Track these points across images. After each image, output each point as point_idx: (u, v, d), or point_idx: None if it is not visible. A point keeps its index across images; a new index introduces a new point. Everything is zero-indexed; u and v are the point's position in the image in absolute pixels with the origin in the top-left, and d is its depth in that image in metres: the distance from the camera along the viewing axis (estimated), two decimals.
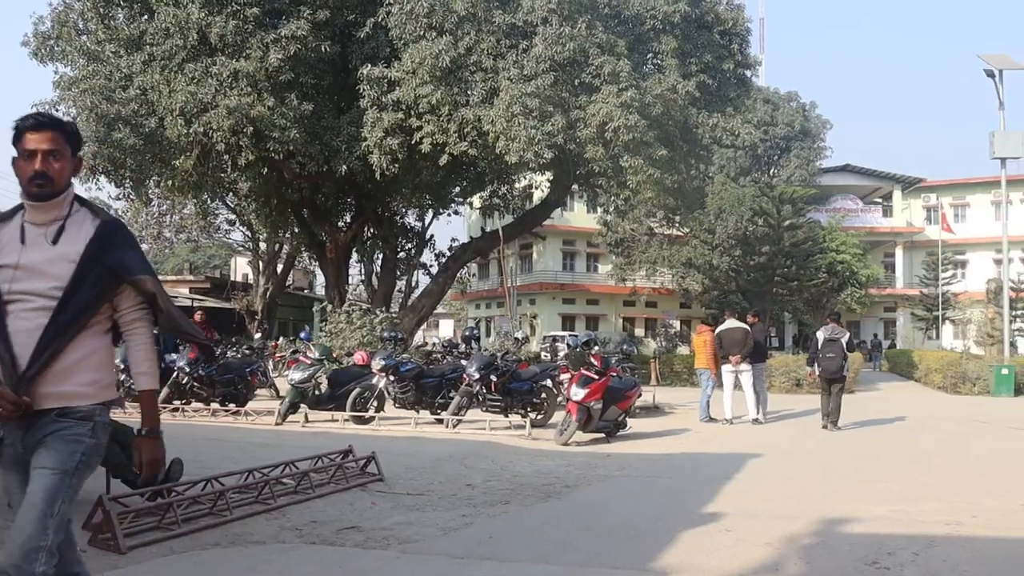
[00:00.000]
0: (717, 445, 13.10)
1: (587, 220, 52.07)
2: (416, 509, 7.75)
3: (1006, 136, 26.17)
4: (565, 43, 19.46)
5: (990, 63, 26.55)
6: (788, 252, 40.74)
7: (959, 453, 12.25)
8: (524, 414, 14.58)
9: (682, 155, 23.85)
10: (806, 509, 7.80)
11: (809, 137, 56.49)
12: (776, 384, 24.67)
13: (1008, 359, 26.28)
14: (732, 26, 23.77)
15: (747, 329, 16.67)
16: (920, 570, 5.82)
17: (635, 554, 6.25)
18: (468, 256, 32.01)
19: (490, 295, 59.61)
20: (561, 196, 29.68)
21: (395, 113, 20.41)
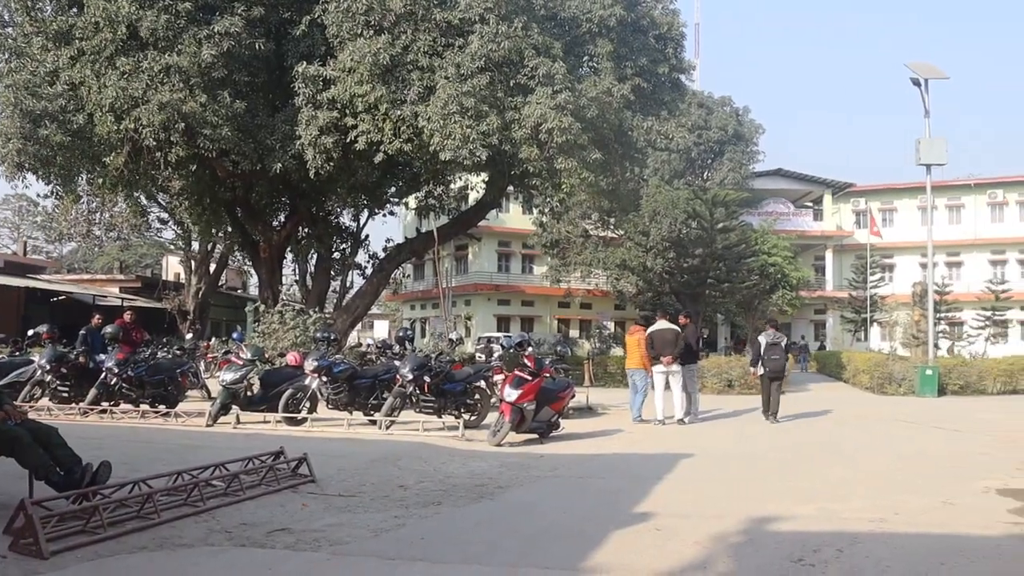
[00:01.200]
0: (649, 445, 13.20)
1: (522, 221, 52.21)
2: (348, 511, 7.72)
3: (931, 143, 26.70)
4: (501, 42, 19.47)
5: (916, 72, 27.08)
6: (721, 254, 41.14)
7: (883, 452, 12.49)
8: (457, 415, 14.58)
9: (617, 157, 24.00)
10: (735, 508, 7.92)
11: (742, 141, 57.13)
12: (708, 385, 24.94)
13: (932, 360, 26.84)
14: (667, 30, 23.93)
15: (678, 330, 16.85)
16: (843, 567, 5.95)
17: (566, 554, 6.29)
18: (403, 257, 31.90)
19: (425, 296, 59.47)
20: (496, 197, 29.69)
21: (330, 111, 20.24)
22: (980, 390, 25.70)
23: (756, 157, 59.35)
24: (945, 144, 26.83)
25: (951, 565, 6.01)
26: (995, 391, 25.94)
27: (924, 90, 27.14)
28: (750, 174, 57.84)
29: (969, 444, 13.34)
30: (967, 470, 10.49)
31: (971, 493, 8.83)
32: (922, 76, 27.10)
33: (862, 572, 5.83)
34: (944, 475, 10.12)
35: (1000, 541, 6.73)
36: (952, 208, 66.68)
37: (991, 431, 15.17)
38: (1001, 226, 65.75)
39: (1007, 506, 8.12)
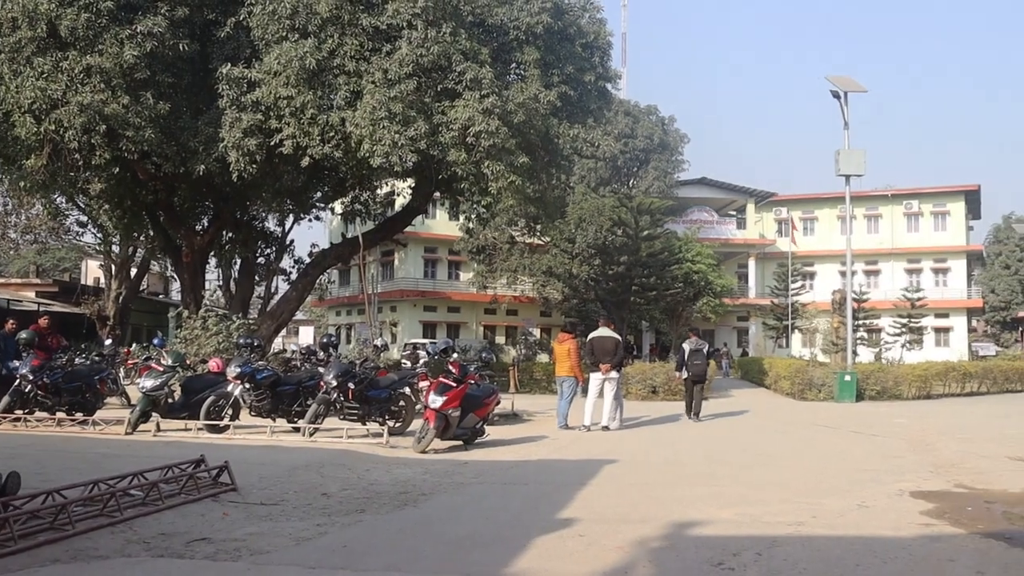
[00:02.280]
0: (574, 451, 13.27)
1: (449, 228, 52.20)
2: (269, 519, 7.64)
3: (850, 154, 27.25)
4: (430, 47, 19.43)
5: (836, 85, 27.63)
6: (646, 262, 41.56)
7: (803, 457, 12.72)
8: (382, 422, 14.51)
9: (543, 164, 24.08)
10: (657, 513, 7.99)
11: (667, 150, 57.82)
12: (633, 391, 25.15)
13: (851, 366, 27.37)
14: (594, 39, 24.09)
15: (619, 339, 17.06)
16: (762, 569, 6.04)
17: (489, 561, 6.30)
18: (328, 262, 31.67)
19: (351, 302, 59.13)
20: (423, 203, 29.62)
21: (255, 114, 20.00)
22: (896, 395, 26.27)
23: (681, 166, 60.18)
24: (863, 155, 27.40)
25: (865, 566, 6.13)
26: (910, 396, 26.53)
27: (844, 103, 27.70)
28: (675, 183, 58.59)
29: (885, 448, 13.64)
30: (882, 473, 10.72)
31: (885, 496, 9.02)
32: (842, 89, 27.66)
33: (780, 574, 5.93)
34: (860, 478, 10.31)
35: (911, 542, 6.90)
36: (870, 218, 68.26)
37: (906, 435, 15.52)
38: (916, 236, 67.52)
39: (919, 508, 8.32)
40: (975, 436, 15.42)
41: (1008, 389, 31.12)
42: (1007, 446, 13.61)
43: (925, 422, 18.23)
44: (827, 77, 27.86)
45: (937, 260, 67.19)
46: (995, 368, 32.41)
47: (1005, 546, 6.74)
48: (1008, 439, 14.75)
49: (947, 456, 12.53)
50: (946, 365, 30.71)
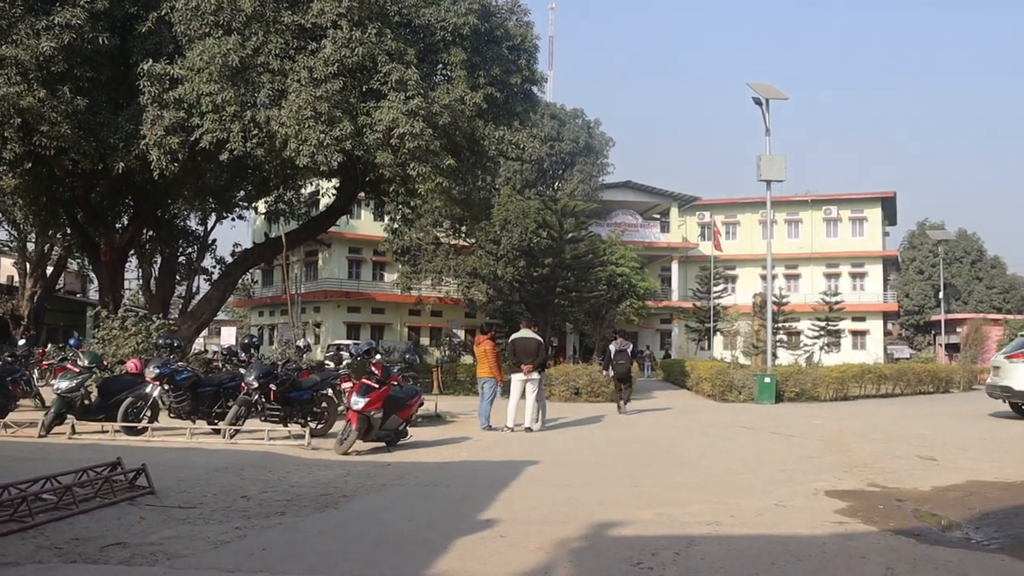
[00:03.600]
0: (497, 453, 13.29)
1: (374, 228, 52.01)
2: (187, 522, 7.53)
3: (771, 160, 27.69)
4: (355, 48, 19.31)
5: (757, 92, 28.09)
6: (570, 264, 41.75)
7: (722, 457, 12.87)
8: (304, 423, 14.41)
9: (469, 166, 24.09)
10: (578, 514, 8.05)
11: (593, 153, 58.16)
12: (556, 393, 25.28)
13: (771, 368, 27.83)
14: (521, 42, 24.15)
15: (540, 340, 17.12)
16: (680, 568, 6.12)
17: (409, 562, 6.29)
18: (251, 262, 31.33)
19: (274, 302, 58.56)
20: (348, 203, 29.43)
21: (177, 111, 19.68)
22: (814, 397, 26.76)
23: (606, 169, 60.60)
24: (784, 161, 27.86)
25: (781, 564, 6.24)
26: (828, 398, 27.06)
27: (765, 109, 28.16)
28: (600, 186, 59.00)
29: (802, 448, 13.87)
30: (799, 473, 10.92)
31: (802, 495, 9.20)
32: (763, 96, 28.12)
33: (697, 573, 6.01)
34: (778, 478, 10.50)
35: (825, 540, 7.04)
36: (791, 223, 69.55)
37: (823, 436, 15.81)
38: (835, 241, 68.99)
39: (833, 507, 8.50)
40: (888, 436, 15.76)
41: (921, 391, 31.95)
42: (918, 446, 13.95)
43: (841, 423, 18.59)
44: (749, 84, 28.32)
45: (855, 265, 68.77)
46: (909, 370, 33.26)
47: (914, 542, 6.92)
48: (919, 439, 15.12)
49: (861, 456, 12.81)
50: (862, 367, 31.43)
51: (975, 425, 18.41)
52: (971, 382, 36.04)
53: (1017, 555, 6.52)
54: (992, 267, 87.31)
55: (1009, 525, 7.62)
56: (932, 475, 10.72)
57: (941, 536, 7.29)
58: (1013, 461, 12.13)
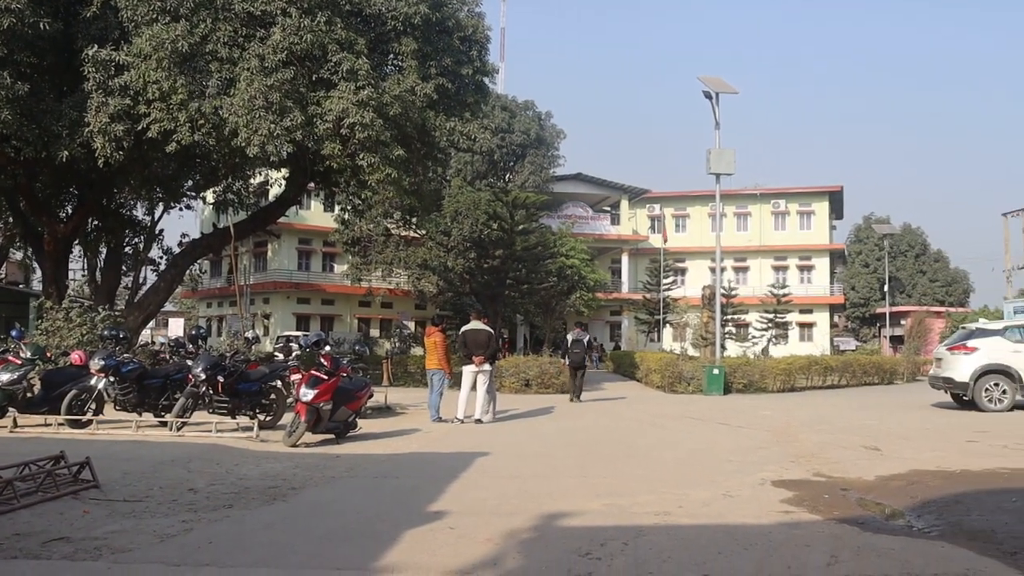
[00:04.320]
0: (447, 444, 13.28)
1: (324, 219, 51.74)
2: (133, 516, 7.44)
3: (720, 154, 27.87)
4: (304, 36, 19.13)
5: (707, 85, 28.26)
6: (520, 256, 41.80)
7: (671, 448, 12.97)
8: (252, 415, 14.30)
9: (419, 157, 24.02)
10: (527, 506, 8.06)
11: (544, 145, 58.26)
12: (506, 384, 25.30)
13: (719, 360, 28.06)
14: (472, 33, 24.10)
15: (490, 331, 17.15)
16: (629, 559, 6.16)
17: (357, 555, 6.26)
18: (199, 252, 30.99)
19: (223, 293, 58.06)
20: (297, 194, 29.21)
21: (122, 99, 19.39)
22: (762, 388, 27.06)
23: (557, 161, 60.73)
24: (733, 155, 28.05)
25: (728, 553, 6.30)
26: (775, 389, 27.37)
27: (715, 103, 28.33)
28: (551, 178, 59.09)
29: (750, 439, 14.02)
30: (747, 464, 11.03)
31: (749, 485, 9.29)
32: (713, 90, 28.29)
33: (646, 563, 6.04)
34: (726, 469, 10.59)
35: (772, 529, 7.13)
36: (740, 216, 70.21)
37: (770, 427, 16.00)
38: (783, 234, 69.74)
39: (780, 496, 8.60)
40: (834, 427, 15.98)
41: (866, 382, 32.41)
42: (863, 436, 14.16)
43: (788, 414, 18.82)
44: (699, 78, 28.46)
45: (802, 258, 69.61)
46: (854, 362, 33.75)
47: (858, 531, 7.03)
48: (864, 430, 15.34)
49: (808, 446, 12.97)
50: (809, 359, 31.83)
51: (918, 415, 18.73)
52: (915, 373, 36.67)
53: (956, 542, 6.65)
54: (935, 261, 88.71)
55: (949, 513, 7.77)
56: (876, 465, 10.89)
57: (884, 524, 7.41)
58: (954, 450, 12.35)
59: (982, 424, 16.25)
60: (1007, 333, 20.03)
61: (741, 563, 6.06)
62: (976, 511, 7.81)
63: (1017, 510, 7.84)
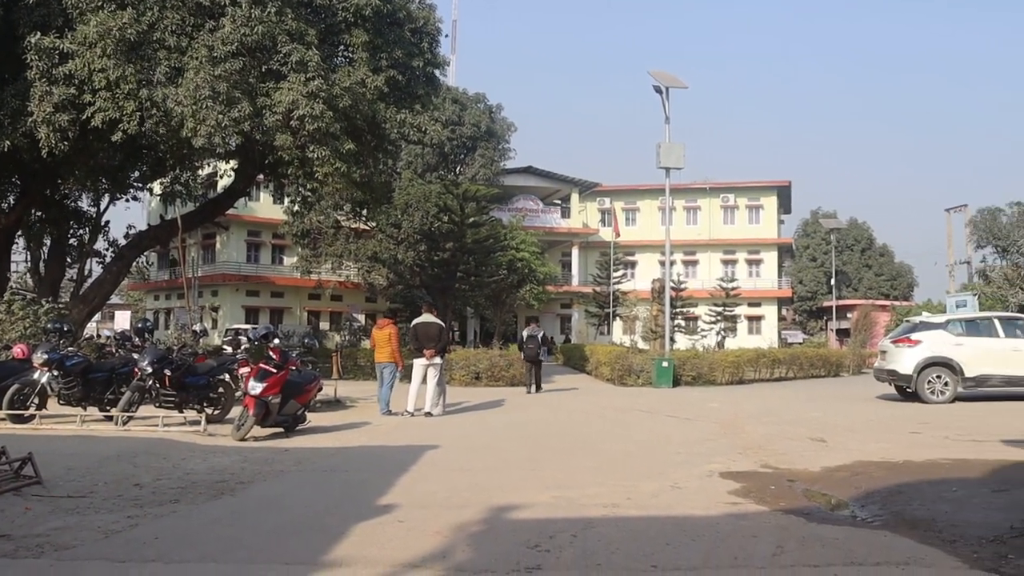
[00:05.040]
0: (397, 437, 13.26)
1: (273, 211, 51.35)
2: (77, 512, 7.33)
3: (670, 148, 28.06)
4: (254, 26, 18.94)
5: (658, 80, 28.41)
6: (471, 249, 41.82)
7: (620, 441, 13.03)
8: (200, 409, 14.15)
9: (370, 149, 23.89)
10: (476, 498, 8.07)
11: (495, 138, 58.25)
12: (457, 377, 25.30)
13: (668, 353, 28.26)
14: (423, 25, 24.02)
15: (442, 325, 17.17)
16: (577, 551, 6.18)
17: (306, 549, 6.22)
18: (146, 244, 30.59)
19: (170, 286, 57.41)
20: (246, 185, 28.96)
21: (67, 88, 19.06)
22: (711, 381, 27.27)
23: (508, 154, 60.75)
24: (683, 149, 28.25)
25: (675, 544, 6.35)
26: (724, 381, 27.61)
27: (665, 97, 28.50)
28: (501, 171, 59.12)
29: (698, 431, 14.13)
30: (695, 455, 11.11)
31: (697, 477, 9.37)
32: (663, 84, 28.45)
33: (594, 555, 6.07)
34: (674, 461, 10.67)
35: (719, 520, 7.20)
36: (689, 210, 70.66)
37: (718, 419, 16.13)
38: (732, 228, 70.32)
39: (727, 488, 8.68)
40: (781, 419, 16.16)
41: (813, 374, 32.83)
42: (809, 428, 14.33)
43: (736, 406, 19.00)
44: (650, 72, 28.61)
45: (751, 252, 70.24)
46: (801, 355, 34.16)
47: (803, 521, 7.12)
48: (810, 421, 15.52)
49: (755, 438, 13.10)
50: (757, 352, 32.14)
51: (863, 407, 19.00)
52: (860, 366, 37.17)
53: (898, 531, 6.76)
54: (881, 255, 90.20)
55: (892, 503, 7.89)
56: (822, 456, 11.02)
57: (829, 515, 7.51)
58: (897, 442, 12.54)
59: (925, 415, 16.51)
60: (949, 326, 20.36)
61: (688, 554, 6.10)
62: (918, 501, 7.94)
63: (957, 499, 7.98)
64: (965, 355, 19.55)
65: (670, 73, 28.92)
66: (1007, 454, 10.99)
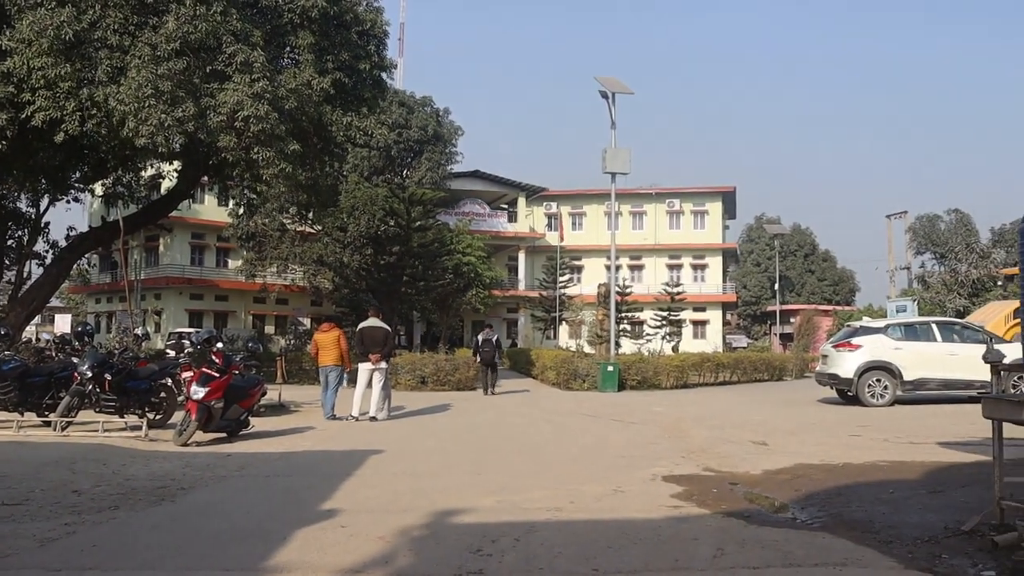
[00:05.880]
0: (341, 442, 13.19)
1: (218, 213, 50.91)
2: (12, 520, 7.19)
3: (616, 153, 28.26)
4: (198, 25, 18.73)
5: (604, 85, 28.60)
6: (417, 253, 41.70)
7: (564, 445, 13.07)
8: (141, 414, 13.95)
9: (315, 151, 23.75)
10: (420, 503, 8.04)
11: (441, 142, 58.07)
12: (402, 381, 25.25)
13: (614, 357, 28.41)
14: (371, 27, 23.89)
15: (388, 329, 17.09)
16: (520, 554, 6.19)
17: (247, 555, 6.16)
18: (87, 246, 30.13)
19: (112, 288, 56.57)
20: (190, 187, 28.62)
21: (5, 86, 18.75)
22: (656, 385, 27.47)
23: (455, 158, 60.58)
24: (629, 154, 28.46)
25: (617, 547, 6.38)
26: (668, 386, 27.83)
27: (611, 103, 28.70)
28: (448, 174, 58.99)
29: (642, 435, 14.21)
30: (638, 459, 11.18)
31: (640, 480, 9.42)
32: (610, 90, 28.64)
33: (536, 558, 6.08)
34: (618, 464, 10.72)
35: (661, 523, 7.25)
36: (635, 215, 71.10)
37: (662, 423, 16.25)
38: (678, 233, 70.87)
39: (670, 491, 8.74)
40: (724, 423, 16.31)
41: (756, 378, 33.21)
42: (751, 431, 14.49)
43: (680, 410, 19.15)
44: (596, 77, 28.79)
45: (696, 256, 70.83)
46: (745, 359, 34.53)
47: (743, 524, 7.19)
48: (753, 425, 15.70)
49: (698, 442, 13.21)
50: (702, 356, 32.46)
51: (805, 411, 19.26)
52: (803, 370, 37.69)
53: (837, 532, 6.85)
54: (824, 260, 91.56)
55: (831, 505, 8.00)
56: (763, 459, 11.14)
57: (769, 517, 7.59)
58: (837, 444, 12.72)
59: (865, 419, 16.77)
60: (889, 331, 20.72)
61: (630, 557, 6.14)
62: (856, 502, 8.06)
63: (894, 501, 8.11)
64: (904, 359, 19.91)
65: (616, 79, 29.11)
66: (943, 456, 11.22)
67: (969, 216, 72.29)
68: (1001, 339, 20.57)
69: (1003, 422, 6.70)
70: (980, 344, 18.96)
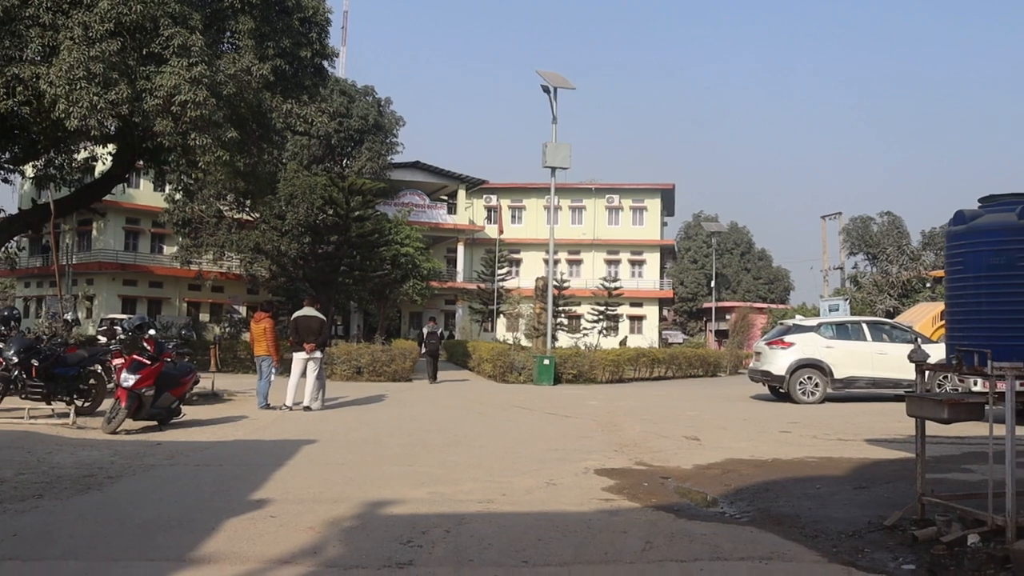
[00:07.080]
0: (273, 432, 13.08)
1: (153, 198, 50.22)
2: None
3: (556, 148, 28.36)
4: (133, 6, 18.41)
5: (546, 80, 28.65)
6: (355, 242, 41.39)
7: (499, 437, 13.09)
8: (69, 401, 13.72)
9: (254, 138, 23.51)
10: (351, 494, 8.01)
11: (382, 132, 57.67)
12: (338, 372, 25.12)
13: (550, 351, 28.52)
14: (312, 14, 23.70)
15: (323, 318, 17.01)
16: (450, 546, 6.19)
17: (174, 545, 6.08)
18: (16, 229, 29.49)
19: (42, 273, 55.44)
20: (124, 171, 28.12)
21: None
22: (591, 379, 27.63)
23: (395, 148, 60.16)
24: (569, 149, 28.57)
25: (547, 540, 6.41)
26: (604, 380, 28.02)
27: (553, 97, 28.76)
28: (389, 165, 58.62)
29: (576, 429, 14.29)
30: (571, 452, 11.24)
31: (573, 474, 9.47)
32: (552, 84, 28.71)
33: (466, 550, 6.09)
34: (551, 457, 10.76)
35: (592, 516, 7.30)
36: (575, 209, 71.27)
37: (596, 417, 16.35)
38: (616, 228, 71.19)
39: (602, 484, 8.80)
40: (658, 417, 16.46)
41: (691, 374, 33.56)
42: (684, 426, 14.65)
43: (615, 404, 19.28)
44: (538, 72, 28.83)
45: (634, 252, 71.24)
46: (680, 355, 34.88)
47: (673, 517, 7.27)
48: (686, 420, 15.87)
49: (631, 436, 13.32)
50: (637, 351, 32.69)
51: (737, 407, 19.50)
52: (737, 366, 38.15)
53: (764, 527, 6.96)
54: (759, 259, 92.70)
55: (759, 500, 8.12)
56: (695, 454, 11.27)
57: (698, 511, 7.68)
58: (768, 440, 12.91)
59: (795, 415, 17.04)
60: (821, 330, 21.06)
61: (560, 549, 6.17)
62: (784, 498, 8.19)
63: (821, 496, 8.25)
64: (835, 357, 20.26)
65: (558, 74, 29.17)
66: (869, 452, 11.44)
67: (901, 219, 73.94)
68: (928, 339, 20.97)
69: (926, 420, 6.86)
70: (908, 344, 19.34)
